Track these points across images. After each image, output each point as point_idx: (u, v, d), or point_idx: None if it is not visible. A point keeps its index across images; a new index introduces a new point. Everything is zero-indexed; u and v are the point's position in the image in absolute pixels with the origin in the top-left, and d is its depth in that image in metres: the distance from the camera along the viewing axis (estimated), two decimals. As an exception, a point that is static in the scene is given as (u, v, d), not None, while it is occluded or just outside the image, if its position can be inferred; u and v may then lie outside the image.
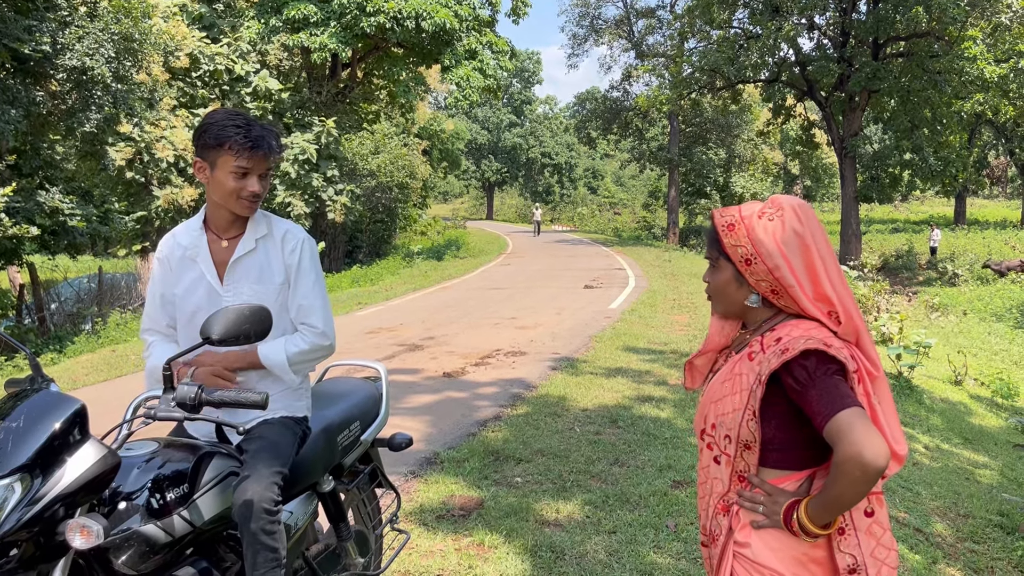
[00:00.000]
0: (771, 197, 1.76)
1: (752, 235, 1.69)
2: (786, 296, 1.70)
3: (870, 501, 1.66)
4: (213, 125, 2.33)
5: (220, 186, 2.35)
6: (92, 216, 15.98)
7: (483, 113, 66.83)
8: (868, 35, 25.00)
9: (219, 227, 2.46)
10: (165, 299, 2.49)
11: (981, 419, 8.61)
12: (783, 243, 1.66)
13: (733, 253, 1.72)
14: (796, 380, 1.61)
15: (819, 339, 1.62)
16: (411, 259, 26.34)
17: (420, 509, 4.41)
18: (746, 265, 1.70)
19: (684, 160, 38.20)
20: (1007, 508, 5.09)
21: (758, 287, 1.72)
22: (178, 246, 2.47)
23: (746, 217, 1.72)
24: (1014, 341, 16.07)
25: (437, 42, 21.45)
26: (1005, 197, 59.43)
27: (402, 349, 9.73)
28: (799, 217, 1.69)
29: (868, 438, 1.50)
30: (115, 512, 1.94)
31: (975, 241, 32.56)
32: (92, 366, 9.78)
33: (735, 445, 1.72)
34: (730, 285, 1.77)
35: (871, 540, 1.66)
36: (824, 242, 1.70)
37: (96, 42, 13.61)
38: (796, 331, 1.66)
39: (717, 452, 1.78)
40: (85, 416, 1.83)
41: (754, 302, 1.74)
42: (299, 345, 2.46)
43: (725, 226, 1.74)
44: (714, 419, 1.78)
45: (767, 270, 1.68)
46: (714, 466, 1.79)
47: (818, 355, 1.60)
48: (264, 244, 2.48)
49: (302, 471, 2.52)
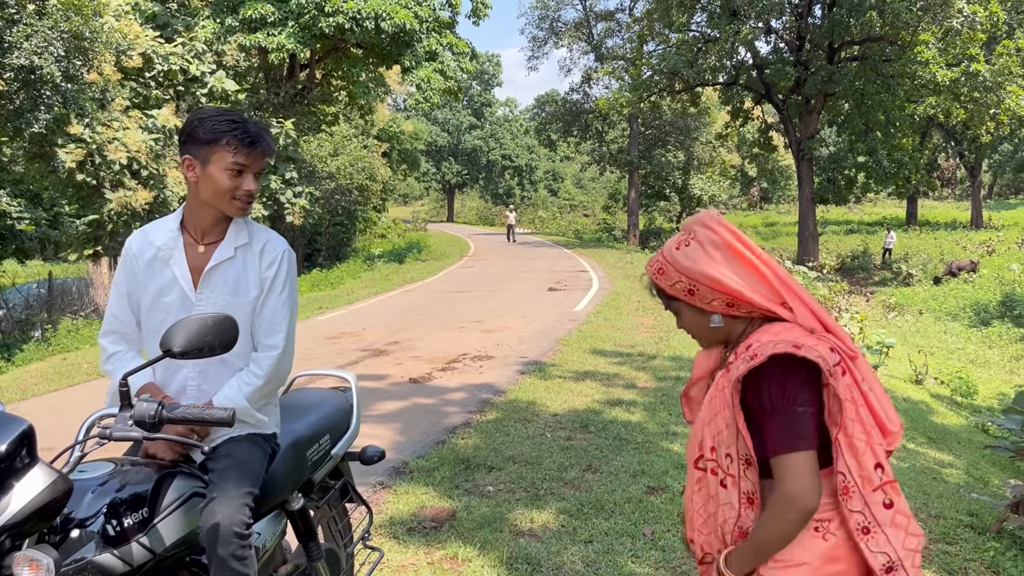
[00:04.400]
0: (683, 223, 1.79)
1: (679, 266, 1.72)
2: (741, 301, 1.69)
3: (887, 492, 1.60)
4: (207, 120, 2.19)
5: (212, 184, 2.20)
6: (41, 219, 15.53)
7: (443, 115, 66.55)
8: (823, 39, 25.40)
9: (198, 230, 2.30)
10: (132, 298, 2.32)
11: (943, 418, 8.71)
12: (709, 259, 1.68)
13: (676, 292, 1.75)
14: (759, 398, 1.60)
15: (788, 342, 1.59)
16: (372, 262, 26.07)
17: (390, 521, 4.27)
18: (691, 296, 1.73)
19: (644, 162, 38.39)
20: (976, 508, 5.11)
21: (712, 308, 1.72)
22: (150, 245, 2.30)
23: (667, 255, 1.75)
24: (970, 340, 16.41)
25: (397, 43, 21.24)
26: (955, 199, 60.91)
27: (366, 355, 9.55)
28: (712, 229, 1.71)
29: (810, 488, 1.55)
30: (67, 541, 1.78)
31: (927, 242, 33.24)
32: (42, 375, 9.43)
33: (737, 463, 1.67)
34: (695, 321, 1.79)
35: (899, 532, 1.60)
36: (746, 242, 1.71)
37: (45, 40, 13.18)
38: (766, 336, 1.65)
39: (722, 475, 1.71)
40: (33, 438, 1.67)
41: (716, 322, 1.75)
42: (253, 383, 2.27)
43: (656, 273, 1.78)
44: (712, 441, 1.72)
45: (710, 289, 1.69)
46: (723, 491, 1.71)
47: (786, 363, 1.57)
48: (243, 253, 2.32)
49: (270, 489, 2.37)
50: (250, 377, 2.28)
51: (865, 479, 1.58)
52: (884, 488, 1.59)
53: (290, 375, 2.59)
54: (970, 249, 29.47)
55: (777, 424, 1.58)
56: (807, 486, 1.55)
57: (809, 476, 1.55)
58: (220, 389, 2.28)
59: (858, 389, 1.61)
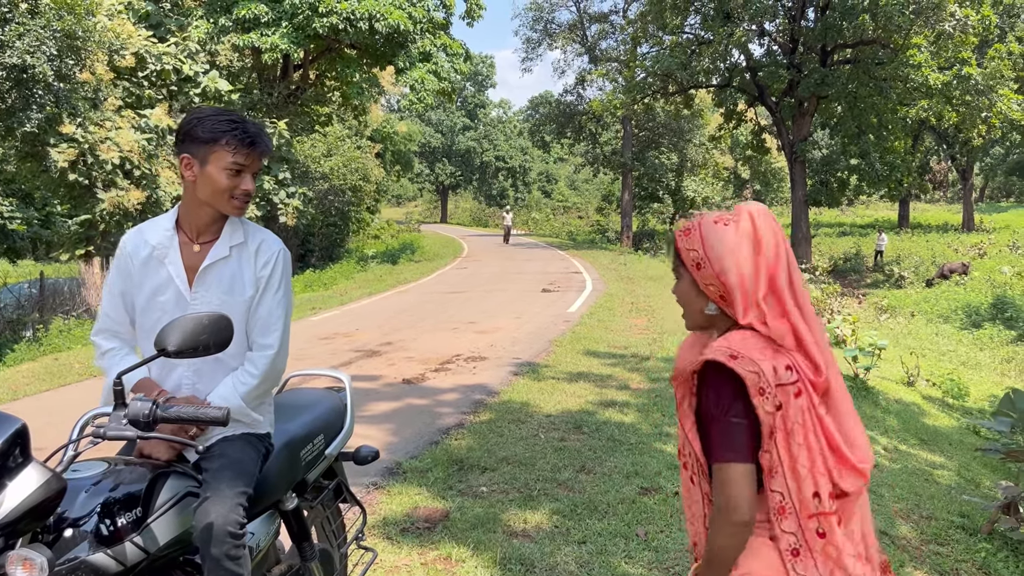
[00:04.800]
0: (736, 206, 1.73)
1: (704, 239, 1.67)
2: (730, 302, 1.66)
3: (820, 522, 1.58)
4: (205, 119, 2.20)
5: (211, 183, 2.20)
6: (33, 219, 15.44)
7: (437, 116, 66.49)
8: (816, 42, 25.50)
9: (194, 229, 2.30)
10: (127, 297, 2.32)
11: (935, 419, 8.75)
12: (733, 247, 1.63)
13: (686, 257, 1.70)
14: (703, 402, 1.61)
15: (729, 350, 1.57)
16: (365, 263, 26.03)
17: (383, 522, 4.26)
18: (696, 269, 1.68)
19: (637, 164, 38.44)
20: (967, 509, 5.13)
21: (707, 291, 1.68)
22: (145, 244, 2.29)
23: (703, 223, 1.69)
24: (961, 342, 16.48)
25: (391, 44, 21.22)
26: (946, 201, 61.22)
27: (359, 355, 9.53)
28: (754, 222, 1.66)
29: (740, 499, 1.54)
30: (61, 541, 1.78)
31: (919, 244, 33.38)
32: (34, 375, 9.38)
33: (694, 463, 1.69)
34: (689, 293, 1.74)
35: (828, 562, 1.58)
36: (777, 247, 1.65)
37: (37, 39, 13.12)
38: (724, 340, 1.63)
39: (691, 472, 1.74)
40: (26, 437, 1.66)
41: (712, 310, 1.70)
42: (248, 382, 2.27)
43: (682, 231, 1.73)
44: (682, 438, 1.73)
45: (714, 274, 1.65)
46: (691, 487, 1.75)
47: (720, 371, 1.56)
48: (239, 252, 2.32)
49: (264, 489, 2.37)
50: (245, 376, 2.28)
51: (802, 503, 1.56)
52: (819, 518, 1.58)
53: (284, 375, 2.59)
54: (961, 252, 29.61)
55: (716, 432, 1.58)
56: (737, 497, 1.54)
57: (739, 488, 1.55)
58: (215, 388, 2.28)
59: (813, 414, 1.58)
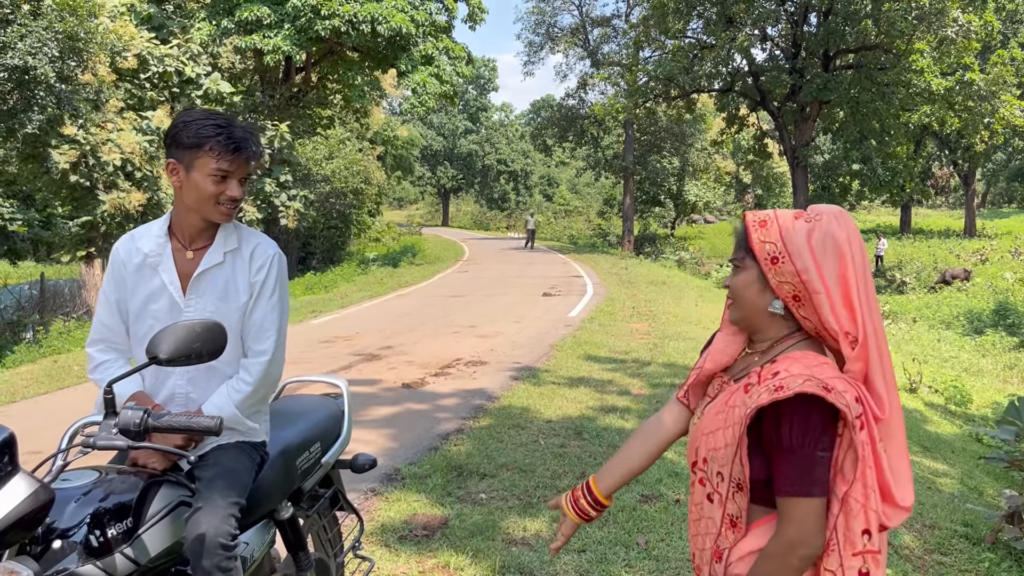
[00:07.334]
0: (810, 207, 1.63)
1: (784, 233, 1.57)
2: (808, 305, 1.56)
3: (866, 560, 1.52)
4: (191, 124, 2.14)
5: (196, 190, 2.16)
6: (34, 220, 15.41)
7: (439, 119, 66.50)
8: (819, 47, 25.48)
9: (186, 235, 2.26)
10: (121, 305, 2.28)
11: (937, 427, 8.70)
12: (816, 246, 1.54)
13: (760, 250, 1.59)
14: (778, 433, 1.50)
15: (820, 381, 1.48)
16: (366, 266, 26.01)
17: (381, 529, 4.22)
18: (772, 263, 1.57)
19: (639, 168, 38.41)
20: (971, 518, 5.08)
21: (780, 290, 1.58)
22: (137, 251, 2.25)
23: (781, 216, 1.60)
24: (963, 348, 16.42)
25: (393, 47, 21.22)
26: (948, 207, 61.19)
27: (359, 359, 9.50)
28: (838, 222, 1.56)
29: (815, 535, 1.50)
30: (49, 552, 1.73)
31: (921, 250, 33.33)
32: (32, 377, 9.35)
33: (727, 484, 1.60)
34: (752, 286, 1.63)
35: None
36: (861, 254, 1.57)
37: (39, 41, 13.12)
38: (796, 367, 1.53)
39: (710, 489, 1.66)
40: (14, 445, 1.62)
41: (777, 308, 1.60)
42: (243, 390, 2.24)
43: (757, 222, 1.62)
44: (705, 453, 1.65)
45: (794, 271, 1.55)
46: (707, 504, 1.67)
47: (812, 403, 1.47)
48: (232, 258, 2.27)
49: (258, 498, 2.33)
50: (240, 384, 2.25)
51: (848, 541, 1.51)
52: (865, 555, 1.52)
53: (280, 381, 2.55)
54: (963, 257, 29.57)
55: (793, 464, 1.50)
56: (812, 532, 1.50)
57: (816, 522, 1.51)
58: (209, 397, 2.25)
59: (871, 448, 1.52)
